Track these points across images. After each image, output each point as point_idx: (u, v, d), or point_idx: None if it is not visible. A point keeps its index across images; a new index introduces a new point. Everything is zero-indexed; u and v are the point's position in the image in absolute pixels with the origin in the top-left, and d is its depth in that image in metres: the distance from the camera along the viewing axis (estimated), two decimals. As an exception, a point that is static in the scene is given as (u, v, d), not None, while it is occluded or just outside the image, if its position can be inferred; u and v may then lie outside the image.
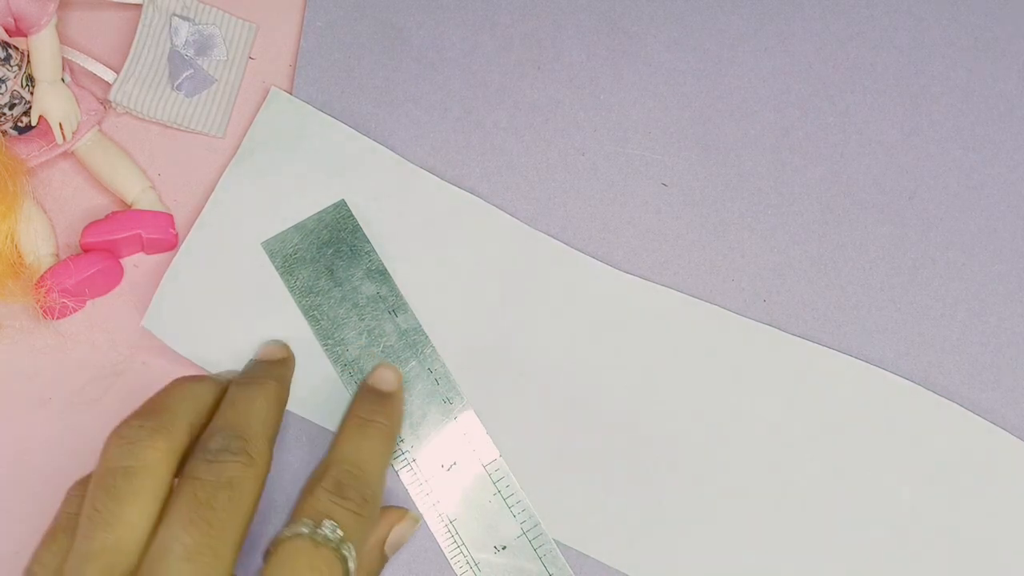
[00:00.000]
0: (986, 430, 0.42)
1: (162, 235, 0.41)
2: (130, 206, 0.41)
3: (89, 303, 0.41)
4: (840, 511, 0.41)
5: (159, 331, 0.40)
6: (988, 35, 0.46)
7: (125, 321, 0.41)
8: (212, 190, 0.42)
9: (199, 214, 0.42)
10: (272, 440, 0.35)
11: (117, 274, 0.41)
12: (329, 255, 0.41)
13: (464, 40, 0.45)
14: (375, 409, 0.38)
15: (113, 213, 0.41)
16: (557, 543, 0.40)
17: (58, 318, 0.40)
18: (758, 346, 0.42)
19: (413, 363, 0.40)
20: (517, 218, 0.43)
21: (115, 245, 0.40)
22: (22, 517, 0.39)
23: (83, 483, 0.34)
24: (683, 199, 0.44)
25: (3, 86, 0.39)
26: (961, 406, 0.42)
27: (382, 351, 0.40)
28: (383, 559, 0.38)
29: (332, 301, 0.41)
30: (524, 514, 0.40)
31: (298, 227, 0.41)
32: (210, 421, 0.35)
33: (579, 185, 0.43)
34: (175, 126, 0.42)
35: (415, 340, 0.41)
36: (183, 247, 0.41)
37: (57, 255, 0.41)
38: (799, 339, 0.42)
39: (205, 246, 0.41)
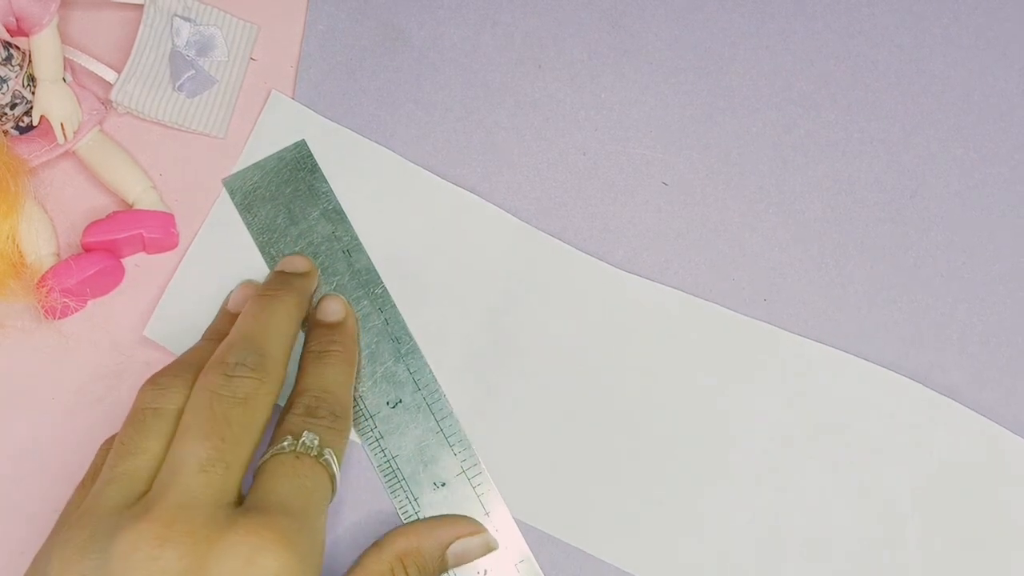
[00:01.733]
0: (987, 427, 0.42)
1: (163, 235, 0.41)
2: (131, 206, 0.41)
3: (90, 303, 0.41)
4: (840, 509, 0.41)
5: (162, 340, 0.40)
6: (989, 33, 0.46)
7: (126, 321, 0.41)
8: (213, 190, 0.42)
9: (201, 217, 0.42)
10: (287, 356, 0.37)
11: (118, 274, 0.41)
12: (288, 194, 0.42)
13: (465, 40, 0.45)
14: (329, 339, 0.39)
15: (114, 213, 0.41)
16: (554, 539, 0.40)
17: (59, 318, 0.40)
18: (759, 345, 0.42)
19: (365, 302, 0.41)
20: (518, 217, 0.43)
21: (116, 245, 0.40)
22: (25, 516, 0.39)
23: (113, 439, 0.36)
24: (684, 198, 0.44)
25: (5, 86, 0.39)
26: (962, 404, 0.42)
27: (334, 289, 0.41)
28: (443, 564, 0.38)
29: (289, 239, 0.41)
30: (464, 452, 0.40)
31: (258, 165, 0.42)
32: None
33: (580, 184, 0.43)
34: (176, 126, 0.42)
35: (367, 280, 0.41)
36: (187, 256, 0.41)
37: (58, 255, 0.41)
38: (800, 337, 0.42)
39: (208, 254, 0.41)
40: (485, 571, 0.39)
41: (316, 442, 0.35)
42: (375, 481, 0.40)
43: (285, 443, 0.34)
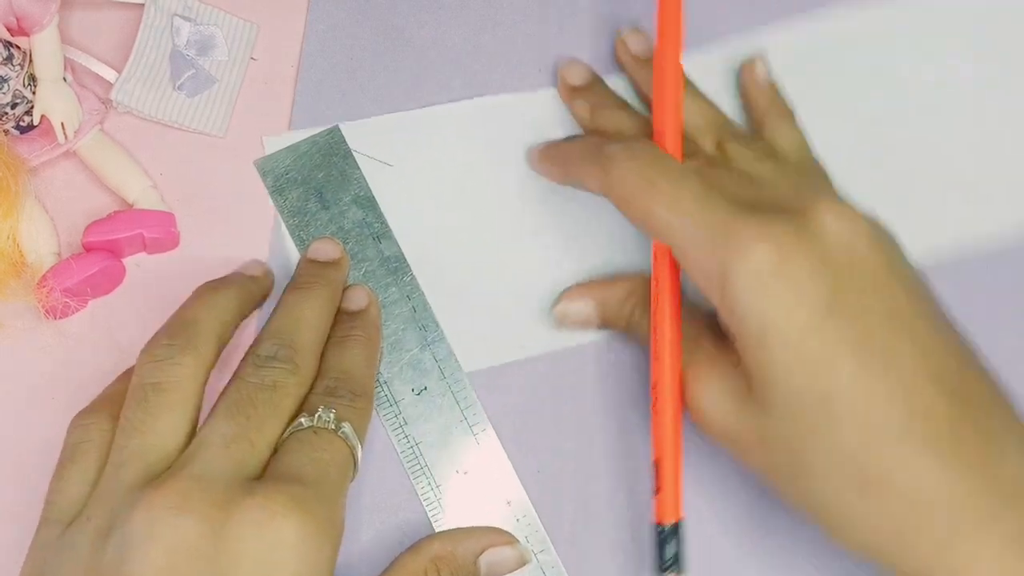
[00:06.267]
0: None
1: (164, 234, 0.41)
2: (132, 205, 0.41)
3: (91, 303, 0.41)
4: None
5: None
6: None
7: (127, 321, 0.41)
8: (214, 188, 0.42)
9: (202, 216, 0.42)
10: (319, 348, 0.38)
11: (119, 273, 0.41)
12: (320, 178, 0.42)
13: (465, 41, 0.45)
14: (350, 326, 0.40)
15: (115, 212, 0.41)
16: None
17: (60, 318, 0.40)
18: None
19: (393, 289, 0.41)
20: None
21: (117, 244, 0.40)
22: (24, 516, 0.39)
23: (85, 414, 0.37)
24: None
25: (5, 85, 0.39)
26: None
27: (363, 275, 0.41)
28: (476, 573, 0.38)
29: (319, 223, 0.42)
30: (488, 441, 0.41)
31: (291, 148, 0.43)
32: (235, 328, 0.38)
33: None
34: (176, 126, 0.42)
35: (396, 267, 0.42)
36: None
37: (59, 254, 0.41)
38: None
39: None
40: None
41: (332, 415, 0.35)
42: (398, 464, 0.40)
43: (303, 420, 0.35)
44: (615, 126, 0.41)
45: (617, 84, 0.44)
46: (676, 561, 0.37)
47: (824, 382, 0.33)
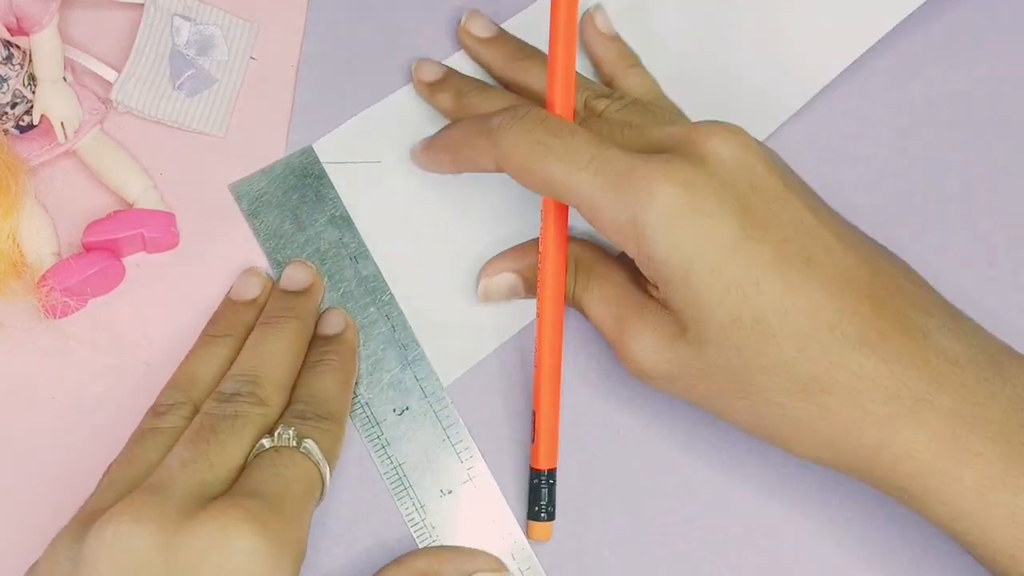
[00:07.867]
0: None
1: (164, 234, 0.41)
2: (131, 205, 0.41)
3: (91, 302, 0.41)
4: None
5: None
6: (987, 36, 0.46)
7: (127, 320, 0.41)
8: (213, 188, 0.42)
9: (202, 216, 0.42)
10: (288, 381, 0.38)
11: (119, 273, 0.41)
12: (295, 200, 0.42)
13: (465, 40, 0.45)
14: (324, 350, 0.39)
15: (115, 212, 0.41)
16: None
17: (60, 317, 0.40)
18: None
19: (372, 309, 0.41)
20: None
21: (117, 244, 0.41)
22: (24, 516, 0.39)
23: None
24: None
25: (5, 85, 0.39)
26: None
27: (341, 296, 0.41)
28: None
29: (295, 245, 0.42)
30: (471, 460, 0.40)
31: (265, 171, 0.42)
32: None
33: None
34: (176, 125, 0.42)
35: (374, 287, 0.41)
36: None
37: (59, 254, 0.41)
38: None
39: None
40: None
41: (292, 432, 0.35)
42: (381, 485, 0.40)
43: (264, 441, 0.35)
44: (483, 108, 0.40)
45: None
46: (548, 507, 0.39)
47: (753, 303, 0.34)
